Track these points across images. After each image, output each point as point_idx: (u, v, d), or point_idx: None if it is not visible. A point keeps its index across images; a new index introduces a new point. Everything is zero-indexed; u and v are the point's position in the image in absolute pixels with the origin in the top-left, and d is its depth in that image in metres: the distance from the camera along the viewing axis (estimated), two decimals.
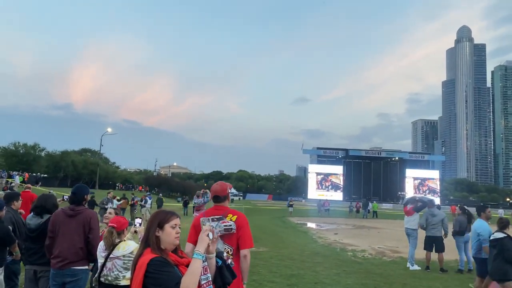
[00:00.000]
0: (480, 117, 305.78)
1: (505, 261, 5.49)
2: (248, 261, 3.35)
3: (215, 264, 2.49)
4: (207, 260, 2.41)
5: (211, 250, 2.38)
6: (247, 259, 3.34)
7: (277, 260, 10.22)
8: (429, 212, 9.92)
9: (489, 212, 6.96)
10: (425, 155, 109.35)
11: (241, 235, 3.33)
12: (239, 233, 3.32)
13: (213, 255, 2.43)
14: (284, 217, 29.36)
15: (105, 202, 17.50)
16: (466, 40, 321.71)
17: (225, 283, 2.63)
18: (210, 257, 2.41)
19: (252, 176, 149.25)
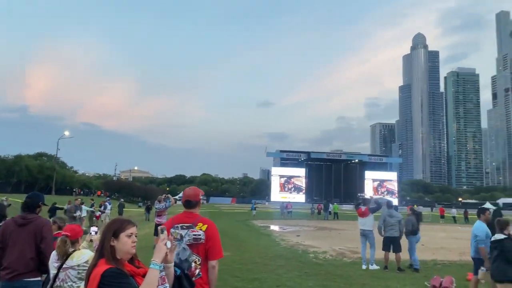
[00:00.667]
0: (434, 120, 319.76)
1: (505, 262, 5.59)
2: (216, 272, 3.26)
3: (173, 274, 2.45)
4: (165, 270, 2.36)
5: (169, 259, 2.32)
6: (215, 270, 3.25)
7: (240, 264, 10.19)
8: (386, 213, 10.20)
9: (488, 214, 7.02)
10: (383, 158, 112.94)
11: (210, 245, 3.23)
12: (208, 243, 3.22)
13: (171, 264, 2.37)
14: (247, 220, 29.37)
15: (74, 210, 16.56)
16: (421, 47, 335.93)
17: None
18: (169, 266, 2.36)
19: (216, 179, 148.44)
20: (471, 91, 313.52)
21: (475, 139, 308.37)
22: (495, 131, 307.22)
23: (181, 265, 2.88)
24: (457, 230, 26.30)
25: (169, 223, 3.33)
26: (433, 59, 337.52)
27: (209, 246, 3.22)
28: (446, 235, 21.76)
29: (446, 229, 27.68)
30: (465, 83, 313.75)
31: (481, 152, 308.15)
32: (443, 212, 39.56)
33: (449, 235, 21.77)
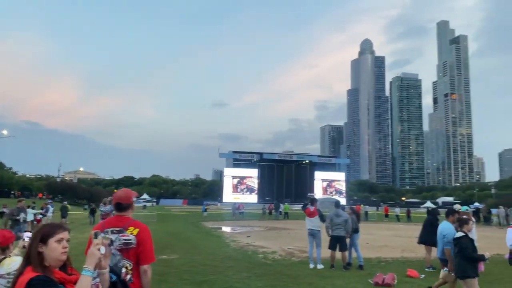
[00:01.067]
0: (380, 123, 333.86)
1: (463, 259, 5.79)
2: (148, 276, 3.13)
3: (108, 280, 2.34)
4: (100, 276, 2.25)
5: (104, 265, 2.21)
6: (147, 275, 3.12)
7: (189, 266, 10.04)
8: (334, 213, 10.46)
9: (456, 216, 7.13)
10: (332, 158, 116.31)
11: (141, 250, 3.09)
12: (139, 247, 3.09)
13: (105, 270, 2.27)
14: (198, 222, 29.03)
15: (16, 213, 15.28)
16: (368, 52, 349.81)
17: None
18: (103, 272, 2.25)
19: (166, 181, 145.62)
20: (414, 95, 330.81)
21: (417, 141, 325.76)
22: (435, 134, 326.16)
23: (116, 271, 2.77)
24: (399, 228, 27.55)
25: (99, 227, 3.12)
26: (379, 64, 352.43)
27: (140, 250, 3.09)
28: (390, 233, 22.71)
29: (390, 227, 28.91)
30: (408, 88, 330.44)
31: (422, 154, 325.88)
32: (388, 211, 41.33)
33: (392, 233, 22.74)
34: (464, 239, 5.84)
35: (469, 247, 5.77)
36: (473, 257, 5.75)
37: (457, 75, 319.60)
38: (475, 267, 5.79)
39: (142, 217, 31.03)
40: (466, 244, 5.78)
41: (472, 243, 5.87)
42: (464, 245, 5.79)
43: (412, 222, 34.90)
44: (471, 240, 5.88)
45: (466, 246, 5.77)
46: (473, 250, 5.79)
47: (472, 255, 5.75)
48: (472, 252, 5.77)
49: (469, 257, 5.74)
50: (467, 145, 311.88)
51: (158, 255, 11.78)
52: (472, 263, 5.77)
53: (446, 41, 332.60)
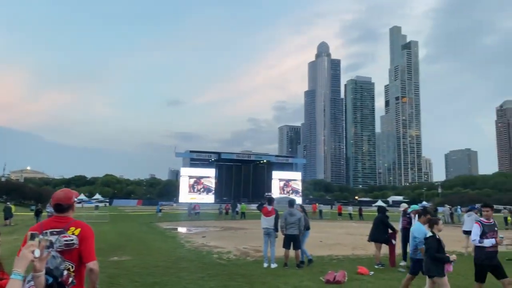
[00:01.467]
0: (335, 124, 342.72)
1: (429, 258, 5.93)
2: (96, 273, 3.03)
3: (44, 283, 2.22)
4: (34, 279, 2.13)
5: (39, 268, 2.09)
6: (94, 272, 3.03)
7: (140, 268, 9.79)
8: (288, 212, 10.56)
9: (428, 217, 7.25)
10: (289, 158, 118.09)
11: (83, 249, 2.99)
12: (81, 247, 2.98)
13: (41, 273, 2.14)
14: (152, 223, 28.42)
15: None
16: (325, 55, 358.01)
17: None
18: (38, 275, 2.13)
19: (120, 180, 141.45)
20: (367, 98, 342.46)
21: (370, 142, 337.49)
22: (386, 135, 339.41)
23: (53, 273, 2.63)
24: (352, 226, 28.38)
25: (37, 229, 2.94)
26: (335, 67, 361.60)
27: (81, 249, 2.99)
28: (342, 232, 23.33)
29: (342, 225, 29.71)
30: (362, 90, 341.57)
31: (374, 154, 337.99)
32: (341, 210, 42.45)
33: (345, 231, 23.38)
34: (430, 239, 5.98)
35: (434, 247, 5.88)
36: (435, 257, 5.87)
37: (408, 79, 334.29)
38: (439, 267, 5.87)
39: (94, 218, 29.96)
40: (431, 244, 5.92)
41: (439, 243, 5.98)
42: (429, 245, 5.95)
43: (364, 220, 36.05)
44: (438, 240, 5.99)
45: (430, 246, 5.91)
46: (438, 250, 5.89)
47: (435, 255, 5.86)
48: (437, 252, 5.87)
49: (432, 257, 5.88)
50: (416, 146, 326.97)
51: (109, 256, 11.42)
52: (436, 263, 5.88)
53: (398, 46, 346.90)
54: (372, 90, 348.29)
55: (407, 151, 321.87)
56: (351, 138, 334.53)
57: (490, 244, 6.29)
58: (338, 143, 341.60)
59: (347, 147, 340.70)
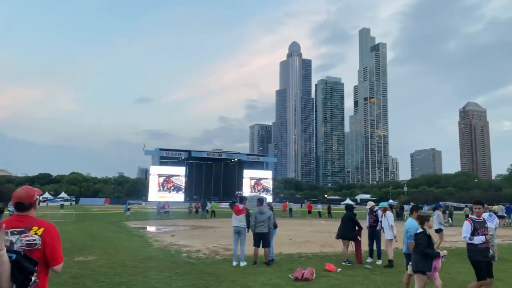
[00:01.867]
0: (305, 123, 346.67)
1: (418, 254, 5.99)
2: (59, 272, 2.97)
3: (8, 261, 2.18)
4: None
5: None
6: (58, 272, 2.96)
7: (106, 268, 9.56)
8: (257, 210, 10.59)
9: (420, 212, 7.29)
10: (260, 157, 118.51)
11: (48, 252, 2.85)
12: (46, 249, 2.84)
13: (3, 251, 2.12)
14: (120, 222, 27.85)
15: None
16: (296, 55, 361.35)
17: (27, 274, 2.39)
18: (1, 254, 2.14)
19: (87, 178, 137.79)
20: (337, 98, 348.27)
21: (339, 142, 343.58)
22: (355, 135, 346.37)
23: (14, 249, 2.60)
24: (320, 224, 28.79)
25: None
26: (306, 67, 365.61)
27: (48, 251, 2.85)
28: (312, 229, 23.62)
29: (312, 223, 30.09)
30: (332, 91, 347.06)
31: (343, 154, 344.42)
32: (311, 208, 42.95)
33: (314, 229, 23.67)
34: (420, 235, 6.07)
35: (423, 242, 5.94)
36: (425, 253, 5.92)
37: (376, 81, 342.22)
38: (427, 263, 5.93)
39: (59, 217, 29.08)
40: (421, 239, 5.99)
41: (429, 239, 6.03)
42: (418, 241, 6.02)
43: (332, 218, 36.65)
44: (427, 236, 6.05)
45: (420, 241, 5.98)
46: (427, 246, 5.95)
47: (424, 251, 5.92)
48: (426, 248, 5.93)
49: (422, 253, 5.94)
50: (383, 146, 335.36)
51: (74, 256, 11.11)
52: (425, 258, 5.93)
53: (367, 48, 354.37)
54: (342, 91, 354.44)
55: (374, 150, 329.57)
56: (321, 138, 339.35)
57: (480, 241, 6.27)
58: (309, 142, 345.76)
59: (317, 146, 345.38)
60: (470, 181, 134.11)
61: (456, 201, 75.58)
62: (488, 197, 75.37)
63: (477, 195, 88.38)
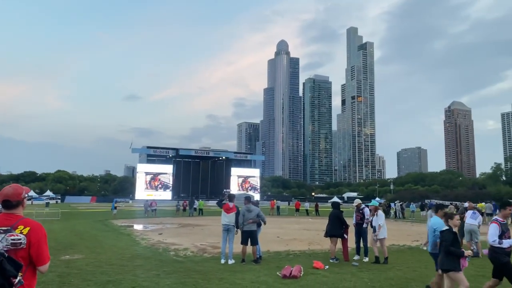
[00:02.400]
0: (293, 122, 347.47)
1: (444, 253, 5.82)
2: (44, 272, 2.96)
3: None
4: None
5: None
6: (43, 272, 2.94)
7: (93, 267, 9.48)
8: (245, 208, 10.61)
9: (445, 211, 7.12)
10: (248, 155, 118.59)
11: (33, 251, 2.83)
12: (31, 249, 2.82)
13: None
14: (107, 220, 27.61)
15: None
16: (284, 53, 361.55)
17: (9, 277, 2.39)
18: None
19: (73, 176, 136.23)
20: (325, 96, 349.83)
21: (327, 140, 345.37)
22: (342, 134, 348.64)
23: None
24: (308, 222, 28.96)
25: None
26: (294, 66, 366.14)
27: (33, 251, 2.83)
28: (299, 227, 23.74)
29: (299, 221, 30.23)
30: (320, 89, 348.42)
31: (331, 152, 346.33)
32: (299, 206, 43.14)
33: (301, 227, 23.80)
34: (446, 233, 5.92)
35: (449, 240, 5.77)
36: (450, 251, 5.74)
37: (363, 79, 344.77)
38: (454, 261, 5.74)
39: (44, 216, 28.72)
40: (446, 237, 5.84)
41: (454, 237, 5.86)
42: (443, 238, 5.88)
43: (320, 216, 36.89)
44: (453, 234, 5.88)
45: (446, 239, 5.82)
46: (453, 244, 5.76)
47: (449, 248, 5.74)
48: (452, 245, 5.74)
49: (446, 251, 5.77)
50: (370, 144, 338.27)
51: (60, 255, 10.99)
52: (451, 257, 5.75)
53: (354, 46, 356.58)
54: (329, 89, 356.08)
55: (362, 149, 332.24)
56: (309, 136, 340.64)
57: (509, 244, 5.93)
58: (296, 140, 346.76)
59: (304, 144, 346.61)
60: (454, 179, 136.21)
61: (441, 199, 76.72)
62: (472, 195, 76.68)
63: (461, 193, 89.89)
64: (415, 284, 7.99)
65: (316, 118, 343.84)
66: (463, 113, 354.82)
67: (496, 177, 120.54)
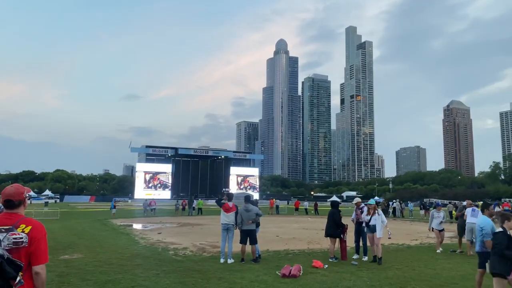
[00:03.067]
0: (292, 121, 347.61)
1: (496, 255, 5.54)
2: (42, 278, 2.88)
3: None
4: None
5: None
6: (40, 276, 2.87)
7: (93, 266, 9.47)
8: (244, 207, 10.60)
9: (491, 209, 6.98)
10: (247, 154, 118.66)
11: (33, 250, 2.85)
12: (31, 247, 2.84)
13: None
14: (106, 220, 27.58)
15: None
16: (283, 52, 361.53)
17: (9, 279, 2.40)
18: None
19: (72, 176, 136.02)
20: (324, 96, 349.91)
21: (326, 139, 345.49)
22: (341, 133, 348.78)
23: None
24: (307, 221, 28.97)
25: None
26: (293, 65, 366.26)
27: (32, 250, 2.85)
28: (298, 226, 23.75)
29: (298, 220, 30.24)
30: (319, 88, 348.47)
31: (330, 151, 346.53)
32: (298, 205, 43.15)
33: (300, 226, 23.80)
34: (500, 235, 5.63)
35: (503, 243, 5.47)
36: (503, 255, 5.44)
37: (362, 79, 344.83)
38: (506, 265, 5.45)
39: (43, 215, 28.67)
40: (500, 239, 5.55)
41: (509, 240, 5.54)
42: (497, 241, 5.59)
43: (319, 215, 36.89)
44: (508, 236, 5.59)
45: (499, 242, 5.53)
46: (508, 247, 5.44)
47: (503, 252, 5.43)
48: (506, 249, 5.43)
49: (500, 254, 5.47)
50: (369, 143, 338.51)
51: (59, 255, 10.98)
52: (504, 261, 5.46)
53: (353, 46, 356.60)
54: (328, 88, 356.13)
55: (360, 148, 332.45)
56: (308, 135, 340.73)
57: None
58: (295, 139, 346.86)
59: (303, 143, 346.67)
60: (453, 178, 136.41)
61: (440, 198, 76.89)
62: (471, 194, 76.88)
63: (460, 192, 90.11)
64: (414, 283, 7.99)
65: (315, 117, 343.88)
66: (462, 112, 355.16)
67: (494, 176, 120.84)
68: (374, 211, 10.68)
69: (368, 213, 10.76)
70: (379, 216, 10.55)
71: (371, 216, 10.64)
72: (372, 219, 10.54)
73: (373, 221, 10.50)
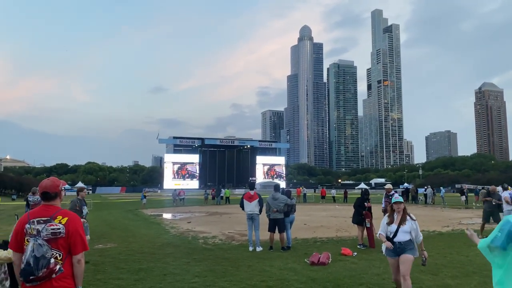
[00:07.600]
0: (318, 108, 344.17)
1: None
2: (82, 265, 3.07)
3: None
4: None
5: None
6: (81, 264, 3.05)
7: (126, 255, 9.77)
8: (271, 196, 10.64)
9: None
10: (273, 143, 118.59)
11: (72, 240, 3.01)
12: (70, 238, 3.00)
13: None
14: (137, 210, 28.30)
15: None
16: (307, 39, 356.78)
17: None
18: None
19: (103, 168, 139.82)
20: (350, 82, 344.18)
21: (353, 126, 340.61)
22: (368, 119, 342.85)
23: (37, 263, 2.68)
24: (335, 209, 28.81)
25: (24, 218, 3.04)
26: (317, 51, 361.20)
27: (71, 240, 3.01)
28: (326, 214, 23.66)
29: (326, 208, 30.12)
30: (344, 74, 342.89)
31: (357, 138, 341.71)
32: (325, 193, 42.94)
33: (328, 214, 23.71)
34: None
35: None
36: None
37: (389, 63, 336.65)
38: None
39: None
40: None
41: None
42: None
43: (349, 202, 36.59)
44: None
45: None
46: None
47: None
48: None
49: None
50: (397, 129, 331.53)
51: (94, 244, 11.34)
52: None
53: (379, 29, 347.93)
54: (354, 74, 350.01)
55: (389, 134, 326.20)
56: (334, 122, 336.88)
57: None
58: (321, 127, 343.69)
59: (330, 131, 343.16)
60: (486, 163, 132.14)
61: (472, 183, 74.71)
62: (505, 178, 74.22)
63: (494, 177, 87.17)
64: (446, 270, 7.85)
65: (341, 104, 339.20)
66: (495, 94, 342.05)
67: None
68: (404, 215, 5.58)
69: (390, 220, 5.63)
70: (412, 222, 5.54)
71: (398, 225, 5.53)
72: (399, 231, 5.49)
73: (401, 234, 5.47)
